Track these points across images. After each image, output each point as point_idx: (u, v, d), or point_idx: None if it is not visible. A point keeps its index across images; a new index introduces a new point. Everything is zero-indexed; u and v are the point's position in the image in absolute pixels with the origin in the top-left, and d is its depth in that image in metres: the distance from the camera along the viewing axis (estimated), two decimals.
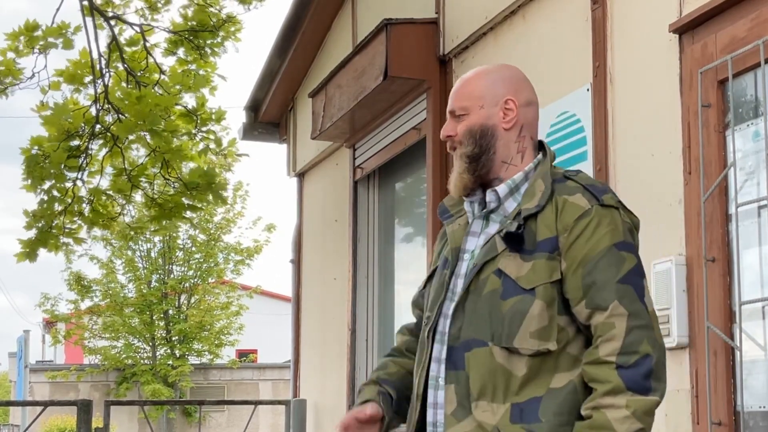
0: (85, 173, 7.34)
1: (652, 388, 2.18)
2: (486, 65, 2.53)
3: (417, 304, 2.60)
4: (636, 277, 2.26)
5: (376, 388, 2.49)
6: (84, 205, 7.37)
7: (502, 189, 2.38)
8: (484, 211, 2.41)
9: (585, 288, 2.24)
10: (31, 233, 7.39)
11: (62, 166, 7.08)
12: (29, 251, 7.37)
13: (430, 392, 2.35)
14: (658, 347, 2.22)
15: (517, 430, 2.21)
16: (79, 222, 7.43)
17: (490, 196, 2.39)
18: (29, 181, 7.09)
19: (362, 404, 2.45)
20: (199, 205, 7.45)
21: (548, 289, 2.26)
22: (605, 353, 2.19)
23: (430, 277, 2.52)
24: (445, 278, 2.39)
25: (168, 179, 7.39)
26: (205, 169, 7.36)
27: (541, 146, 2.46)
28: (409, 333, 2.61)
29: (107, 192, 7.46)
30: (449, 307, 2.35)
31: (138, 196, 7.57)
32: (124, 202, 7.48)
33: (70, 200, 7.30)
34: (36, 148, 7.03)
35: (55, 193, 7.28)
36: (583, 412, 2.20)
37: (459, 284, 2.36)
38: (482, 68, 2.49)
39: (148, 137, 7.16)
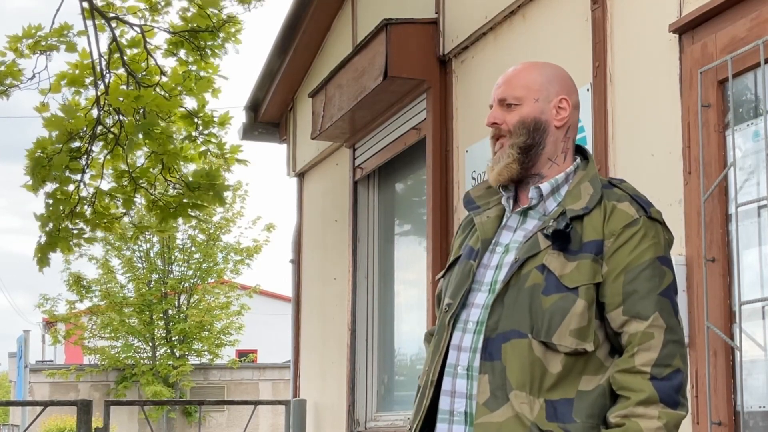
0: (87, 175, 7.33)
1: (680, 402, 2.22)
2: (535, 61, 2.53)
3: (441, 297, 2.56)
4: (673, 293, 2.30)
5: None
6: (86, 207, 7.36)
7: (545, 187, 2.39)
8: (523, 207, 2.41)
9: (625, 295, 2.26)
10: (41, 237, 7.38)
11: (64, 168, 7.08)
12: (41, 256, 7.36)
13: (447, 380, 2.33)
14: (686, 364, 2.27)
15: (554, 428, 2.21)
16: (82, 225, 7.42)
17: (532, 192, 2.39)
18: (30, 181, 7.09)
19: None
20: (203, 204, 7.44)
21: (590, 289, 2.27)
22: (641, 362, 2.21)
23: (450, 266, 2.51)
24: (472, 268, 2.38)
25: (169, 181, 7.39)
26: (207, 169, 7.35)
27: (578, 150, 2.48)
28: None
29: (109, 193, 7.45)
30: (474, 297, 2.35)
31: (140, 198, 7.55)
32: (125, 204, 7.47)
33: (75, 201, 7.29)
34: (40, 150, 7.03)
35: (59, 195, 7.28)
36: (612, 419, 2.21)
37: (487, 275, 2.36)
38: (535, 62, 2.49)
39: (143, 138, 7.15)
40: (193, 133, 7.46)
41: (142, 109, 7.05)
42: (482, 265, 2.39)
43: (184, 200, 7.35)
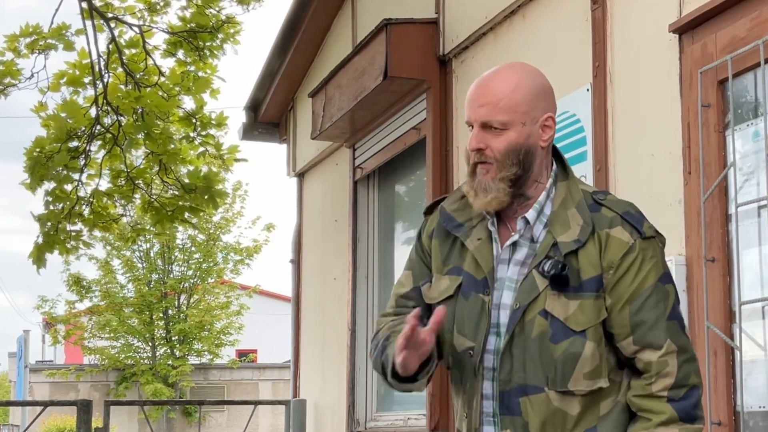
0: (84, 175, 7.33)
1: (698, 416, 2.25)
2: (512, 67, 2.33)
3: (408, 297, 2.43)
4: (678, 309, 2.30)
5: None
6: (84, 207, 7.36)
7: (531, 215, 2.30)
8: (512, 240, 2.31)
9: (633, 326, 2.25)
10: (39, 237, 7.38)
11: (62, 169, 7.08)
12: (38, 256, 7.35)
13: (486, 428, 2.30)
14: (700, 377, 2.29)
15: None
16: (80, 225, 7.42)
17: (520, 224, 2.30)
18: (29, 179, 7.09)
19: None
20: (200, 208, 7.43)
21: (597, 329, 2.25)
22: (659, 389, 2.23)
23: (425, 275, 2.41)
24: (486, 305, 2.29)
25: (166, 182, 7.38)
26: (204, 171, 7.35)
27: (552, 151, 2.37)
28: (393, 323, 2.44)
29: (107, 194, 7.45)
30: (491, 342, 2.28)
31: (137, 199, 7.56)
32: (123, 203, 7.46)
33: (73, 201, 7.30)
34: (38, 150, 7.03)
35: (58, 194, 7.28)
36: None
37: (492, 315, 2.29)
38: (515, 74, 2.30)
39: (143, 138, 7.16)
40: (191, 134, 7.46)
41: (140, 109, 7.05)
42: (493, 305, 2.31)
43: (180, 203, 7.35)
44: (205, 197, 7.29)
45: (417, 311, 2.20)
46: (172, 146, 7.24)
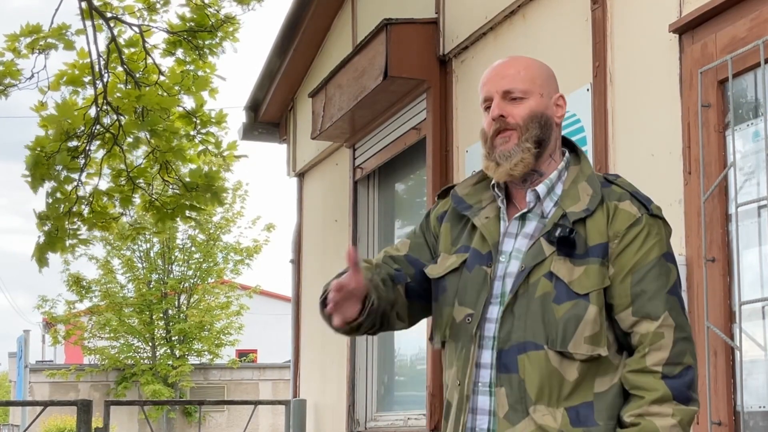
0: (84, 174, 7.34)
1: (693, 398, 2.23)
2: (523, 56, 2.49)
3: (396, 260, 2.45)
4: (679, 289, 2.30)
5: (371, 273, 2.35)
6: (84, 206, 7.36)
7: (541, 189, 2.35)
8: (522, 212, 2.36)
9: (634, 296, 2.25)
10: (40, 237, 7.38)
11: (61, 168, 7.08)
12: (40, 256, 7.36)
13: (480, 398, 2.30)
14: (696, 359, 2.27)
15: None
16: (79, 224, 7.42)
17: (530, 196, 2.35)
18: (30, 178, 7.10)
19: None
20: (201, 206, 7.44)
21: (600, 294, 2.26)
22: (652, 362, 2.22)
23: (421, 250, 2.45)
24: (488, 275, 2.32)
25: (167, 181, 7.39)
26: (205, 170, 7.35)
27: (565, 143, 2.45)
28: (386, 265, 2.45)
29: (107, 193, 7.45)
30: (488, 310, 2.31)
31: (137, 198, 7.56)
32: (122, 205, 7.46)
33: (73, 201, 7.30)
34: (38, 148, 7.03)
35: (59, 194, 7.28)
36: (626, 419, 2.22)
37: (496, 287, 2.32)
38: (526, 58, 2.45)
39: (148, 137, 7.16)
40: (191, 132, 7.46)
41: (140, 108, 7.05)
42: (494, 277, 2.34)
43: (182, 201, 7.36)
44: (207, 195, 7.29)
45: (352, 253, 2.22)
46: (176, 142, 7.24)
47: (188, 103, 7.53)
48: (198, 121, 7.44)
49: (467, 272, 2.36)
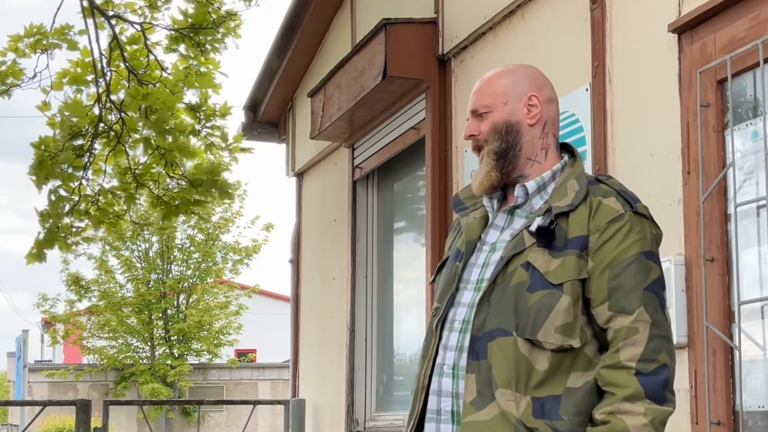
0: (89, 172, 7.34)
1: (667, 398, 2.20)
2: (505, 65, 2.52)
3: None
4: (660, 288, 2.28)
5: None
6: (90, 204, 7.38)
7: (531, 185, 2.38)
8: (510, 206, 2.41)
9: (610, 290, 2.25)
10: (40, 233, 7.39)
11: (66, 166, 7.09)
12: (37, 252, 7.36)
13: (435, 380, 2.34)
14: (673, 359, 2.25)
15: (540, 425, 2.20)
16: (87, 221, 7.43)
17: (518, 191, 2.39)
18: (35, 177, 7.11)
19: None
20: (206, 200, 7.45)
21: (575, 286, 2.26)
22: (626, 357, 2.20)
23: (440, 268, 2.52)
24: (458, 269, 2.39)
25: (172, 177, 7.39)
26: (209, 164, 7.36)
27: (564, 147, 2.48)
28: None
29: (113, 191, 7.46)
30: (461, 296, 2.35)
31: (141, 196, 7.57)
32: (126, 202, 7.47)
33: (77, 199, 7.31)
34: (43, 147, 7.04)
35: (63, 192, 7.29)
36: (597, 416, 2.20)
37: (474, 273, 2.36)
38: (502, 68, 2.49)
39: (153, 135, 7.16)
40: (197, 126, 7.46)
41: (145, 107, 7.05)
42: (469, 264, 2.40)
43: (188, 197, 7.37)
44: (212, 190, 7.31)
45: None
46: (182, 139, 7.25)
47: (192, 98, 7.53)
48: (202, 115, 7.43)
49: (445, 271, 2.45)
